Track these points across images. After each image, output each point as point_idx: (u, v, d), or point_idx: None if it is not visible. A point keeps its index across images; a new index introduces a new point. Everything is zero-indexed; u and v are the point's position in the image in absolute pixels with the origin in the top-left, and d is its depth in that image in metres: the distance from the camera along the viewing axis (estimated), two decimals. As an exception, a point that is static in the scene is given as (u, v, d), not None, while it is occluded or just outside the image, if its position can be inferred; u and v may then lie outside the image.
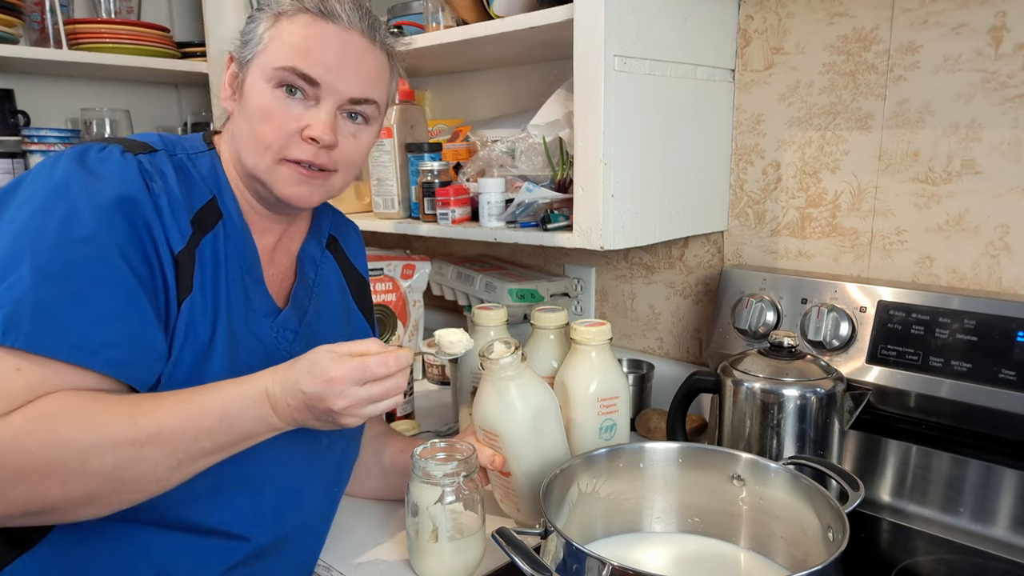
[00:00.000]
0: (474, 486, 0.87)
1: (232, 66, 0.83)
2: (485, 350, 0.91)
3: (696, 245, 1.36)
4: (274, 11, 0.80)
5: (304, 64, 0.77)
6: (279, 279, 0.89)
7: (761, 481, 0.83)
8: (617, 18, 0.99)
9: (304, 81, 0.78)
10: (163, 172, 0.77)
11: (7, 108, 1.74)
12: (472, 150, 1.44)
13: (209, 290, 0.77)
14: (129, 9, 1.92)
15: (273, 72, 0.78)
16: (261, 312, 0.83)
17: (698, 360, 1.39)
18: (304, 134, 0.79)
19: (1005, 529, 0.95)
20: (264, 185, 0.81)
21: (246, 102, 0.80)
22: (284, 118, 0.78)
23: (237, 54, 0.83)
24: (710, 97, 1.20)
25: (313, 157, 0.80)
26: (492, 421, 0.91)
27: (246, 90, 0.80)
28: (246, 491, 0.78)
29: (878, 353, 1.02)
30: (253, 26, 0.81)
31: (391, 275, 1.60)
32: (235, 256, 0.81)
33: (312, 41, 0.78)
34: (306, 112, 0.79)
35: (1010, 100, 0.98)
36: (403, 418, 1.34)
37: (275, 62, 0.78)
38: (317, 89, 0.79)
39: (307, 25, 0.78)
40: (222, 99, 0.84)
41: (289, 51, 0.78)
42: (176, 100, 2.21)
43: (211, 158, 0.84)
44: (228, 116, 0.85)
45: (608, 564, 0.64)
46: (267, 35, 0.79)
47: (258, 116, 0.79)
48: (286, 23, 0.79)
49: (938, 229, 1.07)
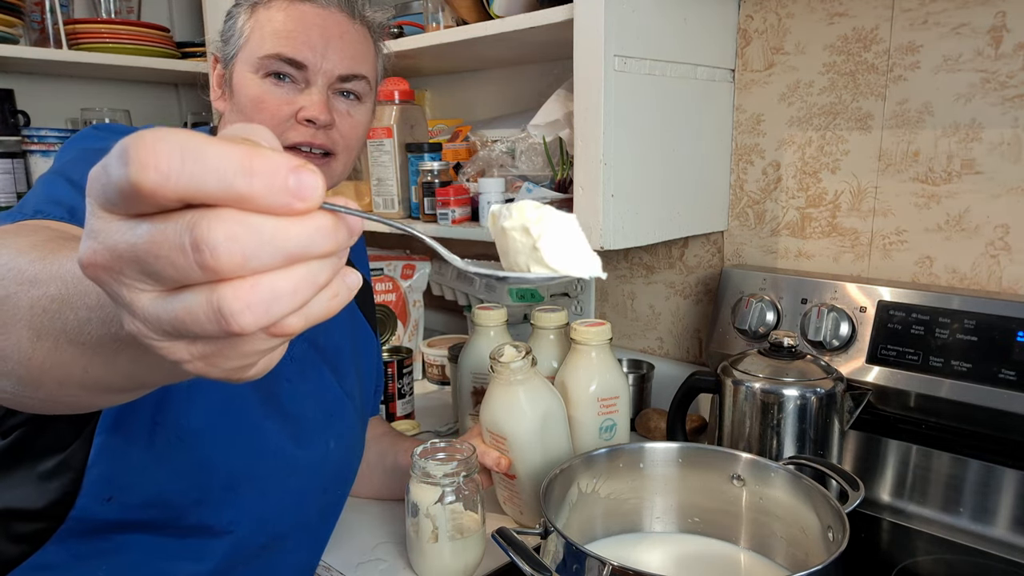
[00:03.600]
0: (474, 486, 0.87)
1: (218, 67, 0.84)
2: (495, 353, 0.91)
3: (696, 245, 1.36)
4: (250, 2, 0.80)
5: (289, 49, 0.78)
6: None
7: (761, 481, 0.83)
8: (617, 18, 0.99)
9: (291, 66, 0.78)
10: None
11: (7, 108, 1.74)
12: (472, 150, 1.44)
13: None
14: (129, 9, 1.92)
15: (259, 62, 0.78)
16: None
17: (698, 360, 1.39)
18: (299, 116, 0.79)
19: (1005, 529, 0.95)
20: None
21: (237, 97, 0.80)
22: (277, 104, 0.79)
23: (220, 54, 0.83)
24: (710, 97, 1.20)
25: (312, 138, 0.80)
26: (500, 424, 0.91)
27: (235, 85, 0.80)
28: (253, 492, 0.78)
29: (878, 353, 1.02)
30: (231, 22, 0.82)
31: (391, 275, 1.60)
32: None
33: (292, 24, 0.78)
34: (298, 96, 0.80)
35: (1010, 100, 0.98)
36: (403, 418, 1.34)
37: (259, 51, 0.78)
38: (305, 72, 0.79)
39: (285, 10, 0.79)
40: (213, 100, 0.85)
41: (272, 38, 0.78)
42: (176, 100, 2.21)
43: None
44: (221, 116, 0.86)
45: (608, 564, 0.64)
46: (247, 27, 0.80)
47: (251, 107, 0.79)
48: (263, 12, 0.79)
49: (938, 229, 1.07)
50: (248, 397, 0.77)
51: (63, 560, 0.72)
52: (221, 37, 0.83)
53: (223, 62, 0.83)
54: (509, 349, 0.91)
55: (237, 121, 0.81)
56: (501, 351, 0.91)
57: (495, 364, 0.90)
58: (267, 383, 0.80)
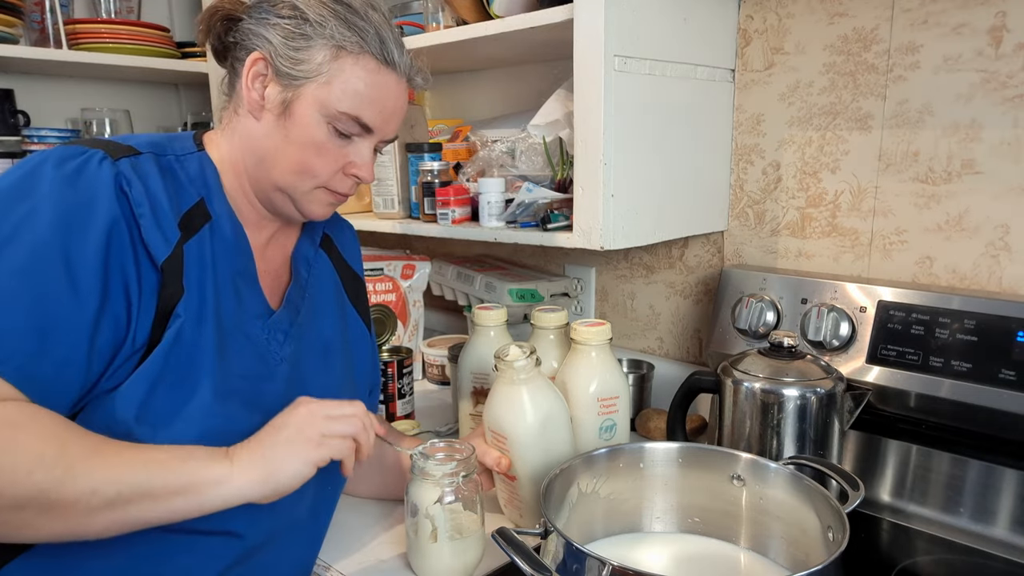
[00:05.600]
0: (474, 486, 0.87)
1: (269, 72, 0.79)
2: (500, 352, 0.91)
3: (696, 245, 1.36)
4: (335, 42, 0.78)
5: (367, 116, 0.81)
6: (271, 277, 0.89)
7: (761, 481, 0.83)
8: (617, 18, 0.99)
9: (360, 128, 0.82)
10: (146, 176, 0.75)
11: (7, 108, 1.74)
12: (472, 150, 1.44)
13: (195, 292, 0.76)
14: (129, 9, 1.92)
15: (337, 114, 0.79)
16: (253, 313, 0.82)
17: (698, 360, 1.39)
18: (349, 171, 0.84)
19: (1005, 529, 0.95)
20: (292, 201, 0.84)
21: (295, 129, 0.80)
22: (335, 156, 0.82)
23: (279, 66, 0.79)
24: (710, 97, 1.20)
25: (351, 190, 0.86)
26: (501, 423, 0.91)
27: (297, 116, 0.79)
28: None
29: (878, 353, 1.02)
30: (308, 47, 0.78)
31: (391, 275, 1.60)
32: (225, 258, 0.80)
33: (376, 91, 0.81)
34: (350, 148, 0.83)
35: (1010, 100, 0.98)
36: (403, 418, 1.34)
37: (339, 105, 0.79)
38: (367, 132, 0.83)
39: (372, 72, 0.80)
40: (248, 102, 0.81)
41: (354, 98, 0.79)
42: (176, 100, 2.21)
43: (200, 159, 0.83)
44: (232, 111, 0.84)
45: (608, 564, 0.64)
46: (329, 68, 0.78)
47: (311, 149, 0.80)
48: (350, 64, 0.79)
49: (938, 229, 1.07)
50: (239, 396, 0.77)
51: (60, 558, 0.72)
52: (289, 51, 0.78)
53: (283, 78, 0.79)
54: (514, 349, 0.91)
55: (282, 146, 0.80)
56: (506, 350, 0.91)
57: (499, 363, 0.90)
58: (257, 383, 0.80)
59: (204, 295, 0.77)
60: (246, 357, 0.80)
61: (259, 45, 0.80)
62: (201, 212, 0.80)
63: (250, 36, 0.80)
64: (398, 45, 0.82)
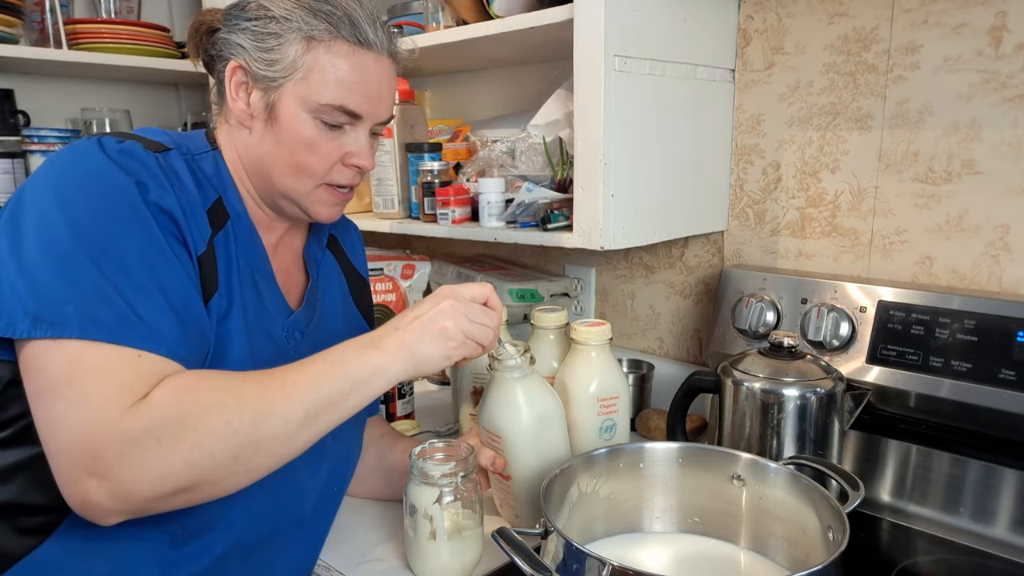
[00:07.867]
0: (472, 486, 0.87)
1: (248, 81, 0.79)
2: (495, 351, 0.91)
3: (696, 245, 1.36)
4: (304, 34, 0.76)
5: (352, 102, 0.79)
6: (283, 276, 0.89)
7: (761, 481, 0.83)
8: (617, 18, 0.99)
9: (349, 116, 0.80)
10: (177, 172, 0.76)
11: (7, 108, 1.74)
12: (472, 150, 1.44)
13: (224, 288, 0.77)
14: (129, 9, 1.92)
15: (320, 107, 0.78)
16: (273, 311, 0.83)
17: (698, 360, 1.38)
18: (348, 162, 0.82)
19: (1005, 529, 0.95)
20: (298, 205, 0.83)
21: (284, 132, 0.79)
22: (329, 149, 0.80)
23: (256, 70, 0.78)
24: (710, 97, 1.20)
25: (353, 180, 0.84)
26: (495, 422, 0.91)
27: (282, 118, 0.78)
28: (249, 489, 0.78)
29: (878, 353, 1.02)
30: (279, 45, 0.77)
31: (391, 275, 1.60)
32: (244, 255, 0.81)
33: (355, 75, 0.78)
34: (345, 138, 0.81)
35: (1010, 100, 0.98)
36: (403, 418, 1.34)
37: (321, 97, 0.77)
38: (356, 119, 0.81)
39: (347, 56, 0.78)
40: (236, 113, 0.80)
41: (335, 87, 0.77)
42: (176, 100, 2.21)
43: (214, 158, 0.83)
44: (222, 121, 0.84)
45: (608, 564, 0.64)
46: (303, 62, 0.77)
47: (302, 148, 0.79)
48: (324, 52, 0.77)
49: (938, 229, 1.07)
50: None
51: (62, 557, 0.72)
52: (260, 53, 0.77)
53: (261, 82, 0.78)
54: (508, 346, 0.91)
55: (275, 151, 0.79)
56: (500, 349, 0.91)
57: (493, 362, 0.90)
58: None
59: (232, 291, 0.78)
60: (269, 355, 0.80)
61: (235, 53, 0.79)
62: (221, 210, 0.80)
63: (227, 46, 0.80)
64: (372, 23, 0.79)
